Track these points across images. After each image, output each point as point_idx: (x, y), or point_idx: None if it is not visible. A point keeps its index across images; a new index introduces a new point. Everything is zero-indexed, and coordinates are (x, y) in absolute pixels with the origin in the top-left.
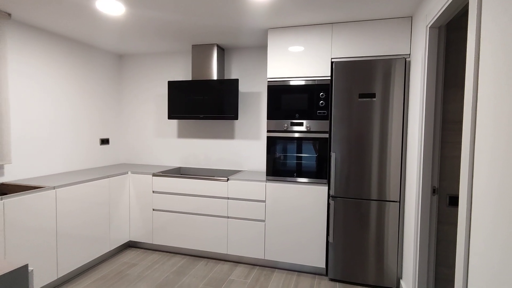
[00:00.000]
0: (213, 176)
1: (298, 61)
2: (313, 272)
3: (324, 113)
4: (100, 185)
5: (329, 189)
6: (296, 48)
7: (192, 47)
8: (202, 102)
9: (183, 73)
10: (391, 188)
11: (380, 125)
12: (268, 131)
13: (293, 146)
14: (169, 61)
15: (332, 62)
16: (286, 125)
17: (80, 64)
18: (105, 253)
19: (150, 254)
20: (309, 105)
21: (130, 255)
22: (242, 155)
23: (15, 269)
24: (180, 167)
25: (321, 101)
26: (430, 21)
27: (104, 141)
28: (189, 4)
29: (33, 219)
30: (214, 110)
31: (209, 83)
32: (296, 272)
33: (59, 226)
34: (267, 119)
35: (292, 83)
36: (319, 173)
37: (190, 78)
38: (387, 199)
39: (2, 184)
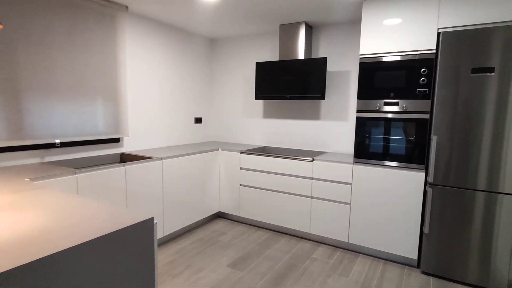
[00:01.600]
0: (298, 156)
1: (395, 35)
2: (402, 262)
3: (425, 91)
4: (196, 159)
5: (426, 175)
6: (394, 21)
7: (280, 27)
8: (288, 82)
9: (270, 54)
10: (506, 179)
11: (496, 104)
12: (358, 111)
13: (384, 128)
14: (257, 42)
15: (438, 33)
16: (378, 105)
17: (179, 49)
18: (199, 220)
19: (236, 225)
20: (407, 83)
21: (219, 224)
22: (327, 136)
23: (144, 220)
24: (264, 146)
25: (422, 78)
26: None
27: (198, 120)
28: None
29: (145, 183)
30: (300, 90)
31: (296, 63)
32: (383, 260)
33: (164, 192)
34: (358, 98)
35: (387, 59)
36: (414, 158)
37: (277, 59)
38: (501, 191)
39: (122, 154)
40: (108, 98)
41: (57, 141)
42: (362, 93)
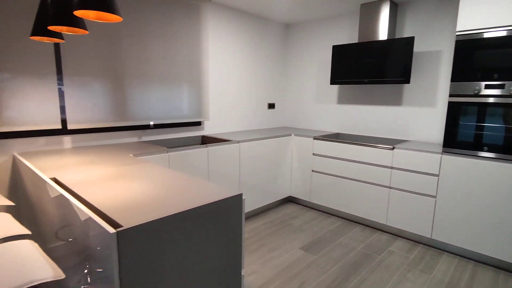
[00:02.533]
0: (376, 144)
1: (502, 6)
2: (498, 266)
3: None
4: (270, 144)
5: None
6: None
7: (361, 6)
8: (368, 65)
9: (348, 37)
10: None
11: None
12: (450, 96)
13: (483, 114)
14: (333, 25)
15: None
16: (477, 88)
17: (255, 36)
18: (271, 203)
19: (307, 211)
20: None
21: (290, 208)
22: (409, 123)
23: (235, 195)
24: (338, 133)
25: None
26: None
27: (271, 106)
28: None
29: (224, 164)
30: (381, 74)
31: (378, 44)
32: (473, 261)
33: (241, 172)
34: (451, 81)
35: (490, 35)
36: None
37: (356, 41)
38: None
39: (203, 136)
40: (193, 85)
41: (151, 123)
42: (457, 75)
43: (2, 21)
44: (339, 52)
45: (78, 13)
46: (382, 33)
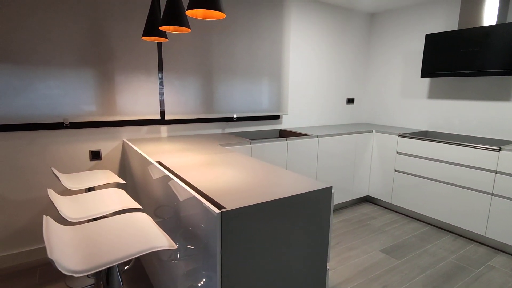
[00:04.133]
0: (476, 144)
1: None
2: None
3: None
4: (349, 140)
5: None
6: None
7: None
8: (470, 55)
9: (444, 24)
10: None
11: None
12: None
13: None
14: (427, 12)
15: None
16: None
17: (336, 27)
18: (347, 201)
19: (387, 213)
20: None
21: (368, 208)
22: None
23: (325, 188)
24: (426, 131)
25: None
26: None
27: (350, 101)
28: None
29: (303, 157)
30: (485, 65)
31: (484, 31)
32: None
33: (318, 167)
34: None
35: None
36: None
37: (453, 29)
38: None
39: (281, 130)
40: (273, 79)
41: (235, 115)
42: None
43: (123, 26)
44: (434, 41)
45: (188, 12)
46: (490, 18)
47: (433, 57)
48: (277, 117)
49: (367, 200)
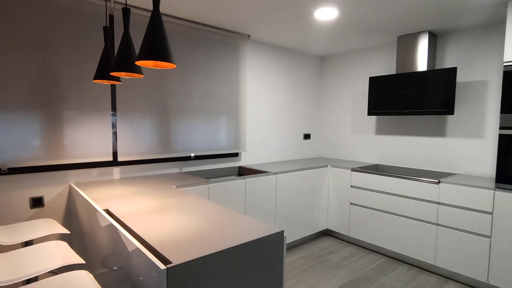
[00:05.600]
0: (419, 177)
1: None
2: None
3: None
4: (306, 175)
5: None
6: None
7: (398, 39)
8: (408, 96)
9: (385, 68)
10: None
11: None
12: (501, 128)
13: None
14: (369, 57)
15: None
16: None
17: (290, 68)
18: (307, 236)
19: (346, 246)
20: None
21: (327, 242)
22: (455, 156)
23: (276, 232)
24: (377, 164)
25: None
26: None
27: (306, 136)
28: None
29: (261, 195)
30: (422, 105)
31: (417, 75)
32: None
33: (277, 204)
34: (501, 113)
35: None
36: None
37: (393, 72)
38: None
39: (240, 167)
40: (231, 118)
41: (192, 154)
42: (508, 107)
43: (75, 66)
44: (376, 83)
45: (139, 62)
46: (421, 64)
47: (376, 97)
48: (235, 155)
49: (327, 233)
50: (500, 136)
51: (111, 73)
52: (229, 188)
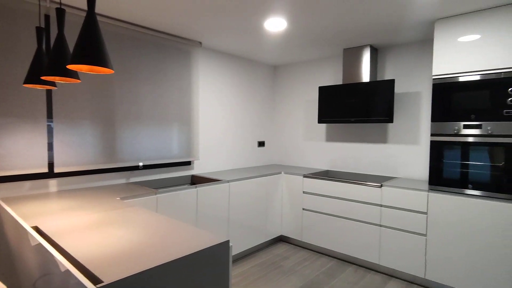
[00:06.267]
0: (365, 181)
1: (473, 53)
2: None
3: None
4: (260, 182)
5: None
6: (471, 38)
7: (344, 51)
8: (353, 105)
9: (333, 78)
10: None
11: None
12: (432, 135)
13: (465, 153)
14: (319, 67)
15: None
16: (456, 128)
17: (244, 77)
18: (262, 243)
19: (299, 251)
20: (492, 103)
21: (282, 248)
22: (396, 161)
23: (221, 243)
24: (328, 170)
25: (511, 98)
26: None
27: (261, 144)
28: (347, 5)
29: (213, 204)
30: (366, 113)
31: (361, 86)
32: None
33: (230, 213)
34: (432, 121)
35: (465, 79)
36: (504, 187)
37: (340, 82)
38: None
39: (193, 176)
40: (183, 125)
41: (141, 164)
42: (437, 116)
43: (3, 68)
44: (325, 92)
45: (71, 66)
46: (365, 76)
47: (326, 106)
48: (188, 163)
49: (281, 239)
50: (432, 142)
51: (42, 77)
52: (179, 198)
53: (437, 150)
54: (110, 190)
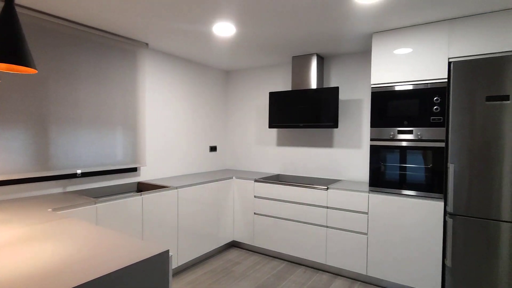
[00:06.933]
0: (312, 184)
1: (407, 64)
2: None
3: (439, 119)
4: (211, 187)
5: (445, 205)
6: (405, 51)
7: (292, 58)
8: (301, 111)
9: (283, 84)
10: None
11: None
12: (371, 140)
13: (400, 156)
14: (270, 73)
15: (449, 63)
16: (392, 133)
17: (195, 81)
18: (213, 250)
19: (251, 255)
20: (420, 111)
21: (234, 254)
22: (341, 164)
23: (160, 253)
24: (278, 174)
25: (436, 107)
26: None
27: (213, 149)
28: (293, 16)
29: (161, 212)
30: (313, 119)
31: (308, 92)
32: None
33: (179, 220)
34: (371, 127)
35: (399, 88)
36: (432, 187)
37: (290, 89)
38: None
39: (139, 183)
40: (127, 129)
41: (79, 171)
42: (375, 122)
43: None
44: (275, 98)
45: None
46: (313, 82)
47: (276, 111)
48: (134, 170)
49: (234, 245)
50: (371, 146)
51: None
52: (123, 207)
53: (376, 154)
54: (42, 201)
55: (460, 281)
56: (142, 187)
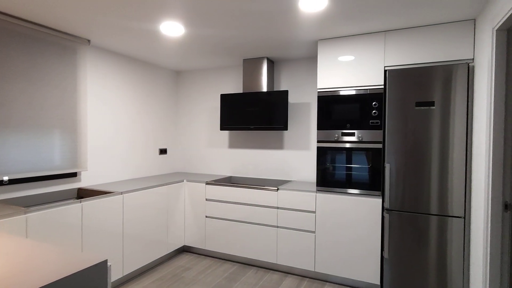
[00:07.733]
0: (263, 186)
1: (349, 71)
2: None
3: (377, 122)
4: (160, 192)
5: (383, 201)
6: (347, 58)
7: (243, 61)
8: (252, 113)
9: (235, 86)
10: (454, 202)
11: (440, 134)
12: (318, 142)
13: (344, 157)
14: (222, 75)
15: (385, 71)
16: (336, 135)
17: (142, 81)
18: (163, 256)
19: (203, 259)
20: (361, 115)
21: (184, 259)
22: (291, 165)
23: (96, 264)
24: (231, 176)
25: (374, 111)
26: (497, 24)
27: (163, 151)
28: (242, 20)
29: (104, 219)
30: (264, 121)
31: (259, 95)
32: (349, 287)
33: (125, 227)
34: (317, 129)
35: (343, 93)
36: (372, 185)
37: (241, 91)
38: (450, 214)
39: (80, 189)
40: (66, 132)
41: (5, 178)
42: (321, 124)
43: None
44: (226, 100)
45: None
46: (263, 85)
47: (227, 113)
48: (74, 175)
49: (185, 250)
50: (318, 148)
51: None
52: (59, 216)
53: (322, 155)
54: None
55: (396, 271)
56: (83, 194)
